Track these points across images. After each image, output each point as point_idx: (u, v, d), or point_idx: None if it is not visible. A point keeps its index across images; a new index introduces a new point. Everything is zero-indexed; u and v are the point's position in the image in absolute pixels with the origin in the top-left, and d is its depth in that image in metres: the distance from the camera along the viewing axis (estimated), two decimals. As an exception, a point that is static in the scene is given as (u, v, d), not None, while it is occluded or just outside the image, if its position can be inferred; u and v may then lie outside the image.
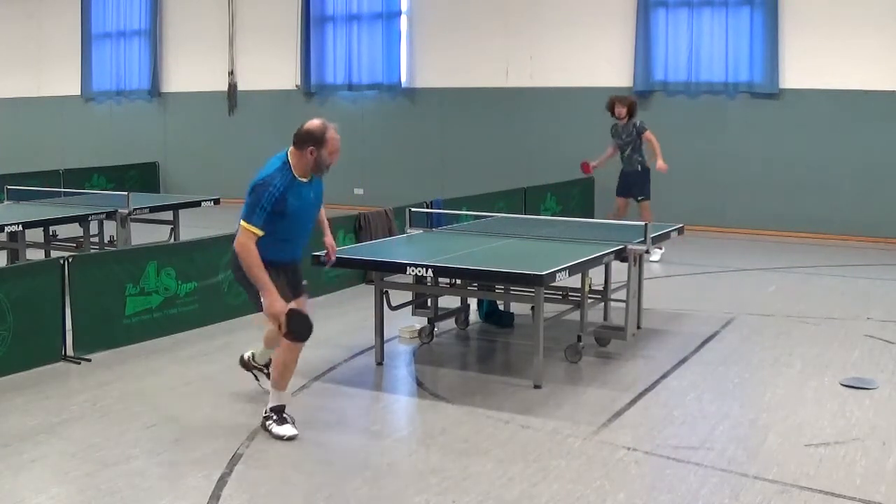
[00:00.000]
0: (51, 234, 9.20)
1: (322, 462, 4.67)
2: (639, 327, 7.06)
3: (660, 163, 10.14)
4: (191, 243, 7.68)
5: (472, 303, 7.37)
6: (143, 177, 15.89)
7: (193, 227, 9.93)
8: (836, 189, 11.93)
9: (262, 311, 4.84)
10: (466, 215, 8.50)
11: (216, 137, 16.16)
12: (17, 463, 4.56)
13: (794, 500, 4.18)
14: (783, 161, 12.13)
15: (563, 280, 5.74)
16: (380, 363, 6.30)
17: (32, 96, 17.78)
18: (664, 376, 6.07)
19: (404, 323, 6.98)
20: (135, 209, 8.92)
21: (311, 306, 5.24)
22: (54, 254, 8.42)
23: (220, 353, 6.62)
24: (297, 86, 15.27)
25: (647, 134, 10.24)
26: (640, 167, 10.31)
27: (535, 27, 13.52)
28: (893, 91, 11.46)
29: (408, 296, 6.65)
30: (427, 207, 8.96)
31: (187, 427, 5.08)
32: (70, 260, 6.36)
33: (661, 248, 10.09)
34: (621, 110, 10.22)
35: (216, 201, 10.27)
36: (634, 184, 10.34)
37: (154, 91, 16.57)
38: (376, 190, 14.47)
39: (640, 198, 10.33)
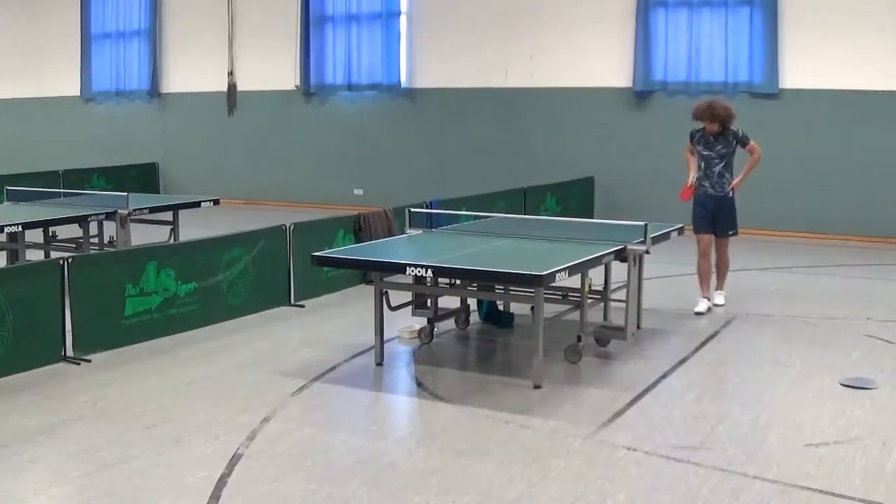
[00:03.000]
0: (50, 234, 9.18)
1: (322, 462, 4.67)
2: (639, 327, 7.06)
3: (737, 181, 8.09)
4: (190, 244, 7.67)
5: (472, 303, 7.37)
6: (143, 177, 15.90)
7: (193, 228, 9.92)
8: (836, 189, 11.93)
9: None
10: (466, 215, 8.49)
11: (216, 138, 16.16)
12: (17, 463, 4.56)
13: (794, 500, 4.18)
14: (783, 161, 12.11)
15: (563, 280, 5.73)
16: (380, 363, 6.30)
17: (32, 96, 17.78)
18: (664, 376, 6.06)
19: (404, 323, 6.98)
20: (134, 210, 8.91)
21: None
22: (54, 254, 8.41)
23: (221, 353, 6.62)
24: (296, 86, 15.27)
25: (753, 145, 8.08)
26: (731, 191, 8.03)
27: (534, 27, 13.53)
28: (893, 91, 11.46)
29: (408, 296, 6.66)
30: (427, 207, 8.95)
31: (187, 427, 5.08)
32: (70, 260, 6.35)
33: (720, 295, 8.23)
34: (713, 126, 7.96)
35: (216, 202, 10.26)
36: (723, 213, 8.02)
37: (154, 91, 16.57)
38: (376, 190, 14.47)
39: (731, 232, 8.09)
